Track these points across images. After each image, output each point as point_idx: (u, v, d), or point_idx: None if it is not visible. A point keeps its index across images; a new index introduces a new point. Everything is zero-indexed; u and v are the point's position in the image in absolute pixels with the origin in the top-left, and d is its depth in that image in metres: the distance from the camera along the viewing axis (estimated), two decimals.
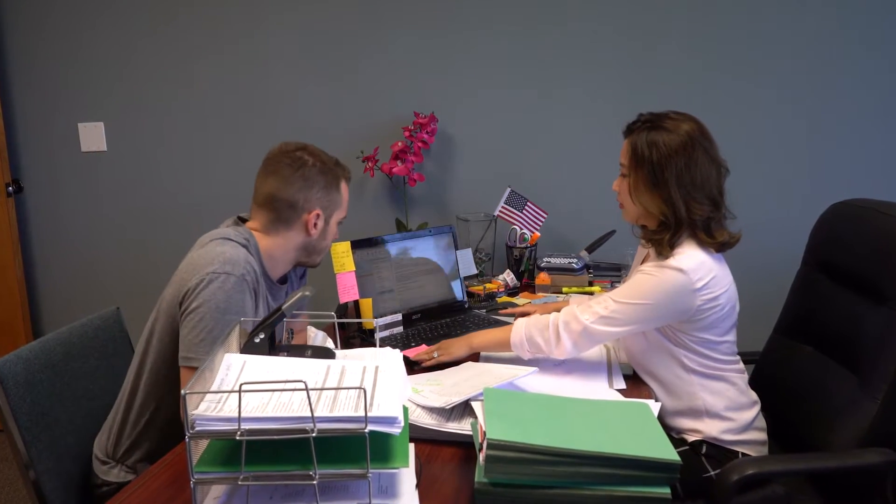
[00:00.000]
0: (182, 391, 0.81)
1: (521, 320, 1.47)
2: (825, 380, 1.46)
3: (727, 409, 1.41)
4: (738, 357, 1.46)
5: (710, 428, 1.41)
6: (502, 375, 1.32)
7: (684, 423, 1.44)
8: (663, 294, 1.33)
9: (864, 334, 1.39)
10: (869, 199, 1.53)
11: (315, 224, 1.45)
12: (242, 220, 1.49)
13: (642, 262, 1.52)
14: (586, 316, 1.37)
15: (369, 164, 2.36)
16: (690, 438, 1.43)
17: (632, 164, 1.39)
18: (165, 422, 1.37)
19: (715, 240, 1.37)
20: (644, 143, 1.36)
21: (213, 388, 0.90)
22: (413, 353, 1.55)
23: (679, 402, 1.43)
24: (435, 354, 1.51)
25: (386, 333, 1.76)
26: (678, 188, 1.34)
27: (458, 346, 1.51)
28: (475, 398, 1.19)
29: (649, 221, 1.43)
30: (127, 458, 1.40)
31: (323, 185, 1.45)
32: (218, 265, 1.30)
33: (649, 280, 1.34)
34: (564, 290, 2.05)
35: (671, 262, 1.33)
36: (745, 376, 1.47)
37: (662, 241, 1.36)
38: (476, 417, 1.11)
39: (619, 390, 1.39)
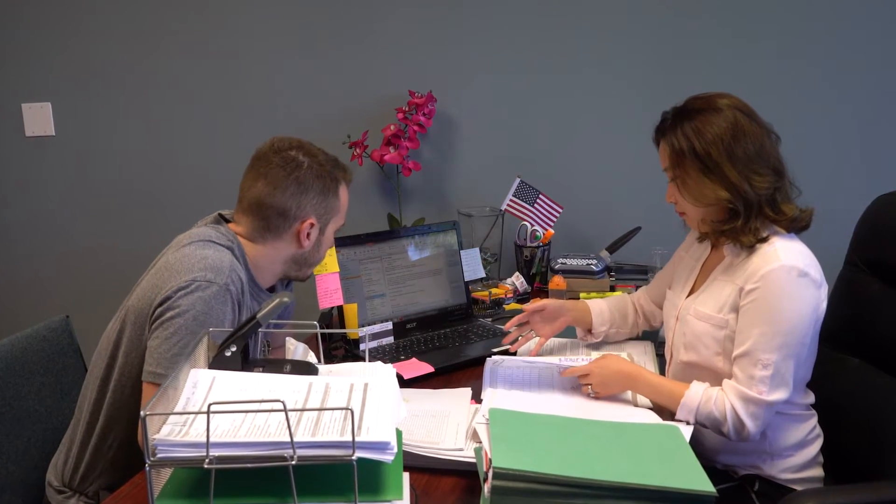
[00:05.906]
0: (142, 412, 0.81)
1: (699, 384, 1.35)
2: (882, 397, 1.46)
3: (791, 448, 1.40)
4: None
5: (770, 468, 1.40)
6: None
7: (736, 459, 1.43)
8: (799, 306, 1.29)
9: None
10: None
11: (308, 234, 1.46)
12: (223, 219, 1.49)
13: (703, 258, 1.51)
14: (758, 389, 1.29)
15: (357, 150, 2.36)
16: (741, 472, 1.42)
17: (674, 163, 1.39)
18: (131, 446, 1.37)
19: (784, 216, 1.35)
20: (681, 136, 1.36)
21: (178, 408, 0.90)
22: (568, 373, 1.44)
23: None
24: (590, 392, 1.41)
25: (374, 344, 1.76)
26: (732, 164, 1.33)
27: (615, 383, 1.40)
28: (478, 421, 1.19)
29: (716, 217, 1.40)
30: (86, 487, 1.40)
31: (319, 190, 1.45)
32: (199, 272, 1.31)
33: (770, 300, 1.29)
34: (582, 295, 2.05)
35: (780, 261, 1.29)
36: (815, 412, 1.46)
37: (737, 229, 1.34)
38: (480, 442, 1.11)
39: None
